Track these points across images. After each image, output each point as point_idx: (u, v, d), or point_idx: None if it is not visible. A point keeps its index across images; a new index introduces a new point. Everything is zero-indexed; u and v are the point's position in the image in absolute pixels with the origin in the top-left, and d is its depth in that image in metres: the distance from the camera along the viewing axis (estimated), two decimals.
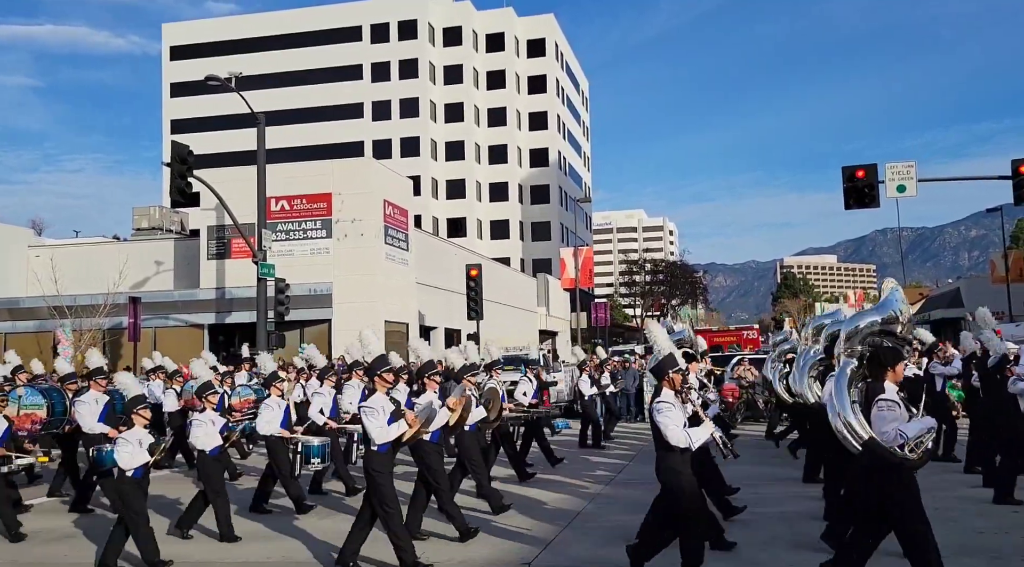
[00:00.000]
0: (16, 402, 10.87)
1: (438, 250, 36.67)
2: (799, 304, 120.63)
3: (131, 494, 7.23)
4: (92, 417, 10.32)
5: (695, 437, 6.10)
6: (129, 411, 7.55)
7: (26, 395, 11.09)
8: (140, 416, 7.43)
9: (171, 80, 67.39)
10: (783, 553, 7.32)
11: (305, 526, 8.97)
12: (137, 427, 7.39)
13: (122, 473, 7.25)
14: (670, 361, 6.37)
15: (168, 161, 20.34)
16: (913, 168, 18.54)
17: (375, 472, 6.85)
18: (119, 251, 30.90)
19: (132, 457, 7.21)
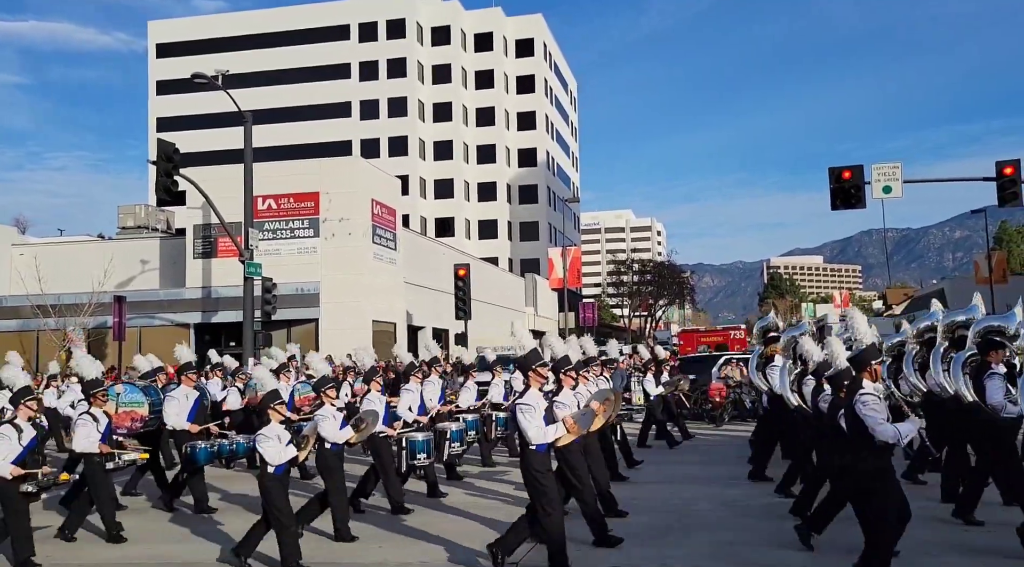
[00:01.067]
0: (115, 400, 10.59)
1: (426, 250, 36.61)
2: (786, 305, 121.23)
3: (274, 491, 6.98)
4: (181, 414, 10.06)
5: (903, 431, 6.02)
6: (265, 406, 7.29)
7: (125, 392, 10.90)
8: (276, 411, 7.17)
9: (157, 78, 66.91)
10: (774, 551, 7.35)
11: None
12: (274, 423, 7.13)
13: (264, 470, 6.99)
14: None
15: (154, 159, 20.20)
16: (899, 169, 18.67)
17: (537, 472, 6.58)
18: (104, 250, 30.65)
19: (277, 453, 6.97)
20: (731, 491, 10.30)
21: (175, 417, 10.13)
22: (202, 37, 66.02)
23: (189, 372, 10.50)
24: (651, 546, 7.69)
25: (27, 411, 7.54)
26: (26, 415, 7.53)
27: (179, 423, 10.12)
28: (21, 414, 7.50)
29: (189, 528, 9.03)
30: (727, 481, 10.97)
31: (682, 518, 8.88)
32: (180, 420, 10.11)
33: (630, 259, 78.29)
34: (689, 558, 7.26)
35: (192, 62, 55.44)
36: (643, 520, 8.85)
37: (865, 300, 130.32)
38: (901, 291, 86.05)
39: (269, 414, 7.19)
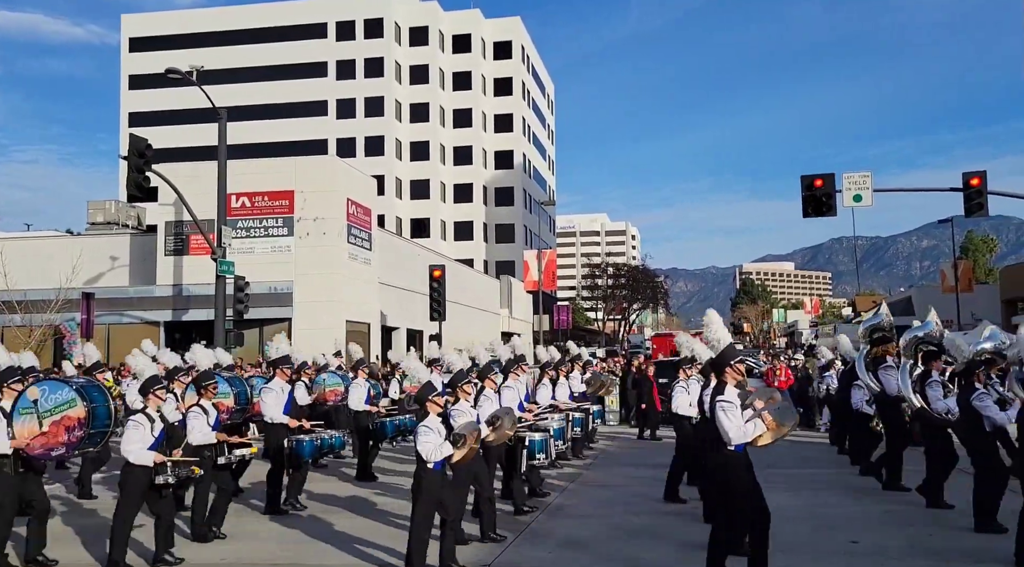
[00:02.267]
0: None
1: (401, 250, 36.49)
2: (757, 310, 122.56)
3: (431, 489, 6.65)
4: (278, 407, 9.71)
5: None
6: (423, 399, 6.94)
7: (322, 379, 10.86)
8: (435, 403, 6.86)
9: (130, 72, 65.97)
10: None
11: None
12: (432, 415, 6.80)
13: (422, 466, 6.66)
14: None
15: (126, 154, 19.91)
16: (869, 178, 18.98)
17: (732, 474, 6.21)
18: (72, 245, 30.12)
19: (436, 449, 6.62)
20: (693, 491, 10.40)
21: (273, 409, 9.75)
22: (177, 32, 65.23)
23: (284, 365, 10.12)
24: (624, 546, 7.74)
25: (156, 400, 7.37)
26: (155, 404, 7.36)
27: (276, 416, 9.73)
28: (151, 403, 7.35)
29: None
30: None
31: (653, 522, 8.95)
32: (277, 413, 9.72)
33: (605, 263, 78.64)
34: (661, 559, 7.32)
35: (166, 57, 54.77)
36: (616, 521, 8.91)
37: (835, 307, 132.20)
38: (870, 298, 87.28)
39: (428, 407, 6.85)
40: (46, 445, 7.42)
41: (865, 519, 8.81)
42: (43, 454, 7.55)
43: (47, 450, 7.47)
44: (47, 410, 7.43)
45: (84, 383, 8.03)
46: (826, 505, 9.53)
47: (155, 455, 7.14)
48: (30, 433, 7.35)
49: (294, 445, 9.47)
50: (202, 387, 8.36)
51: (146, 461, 7.11)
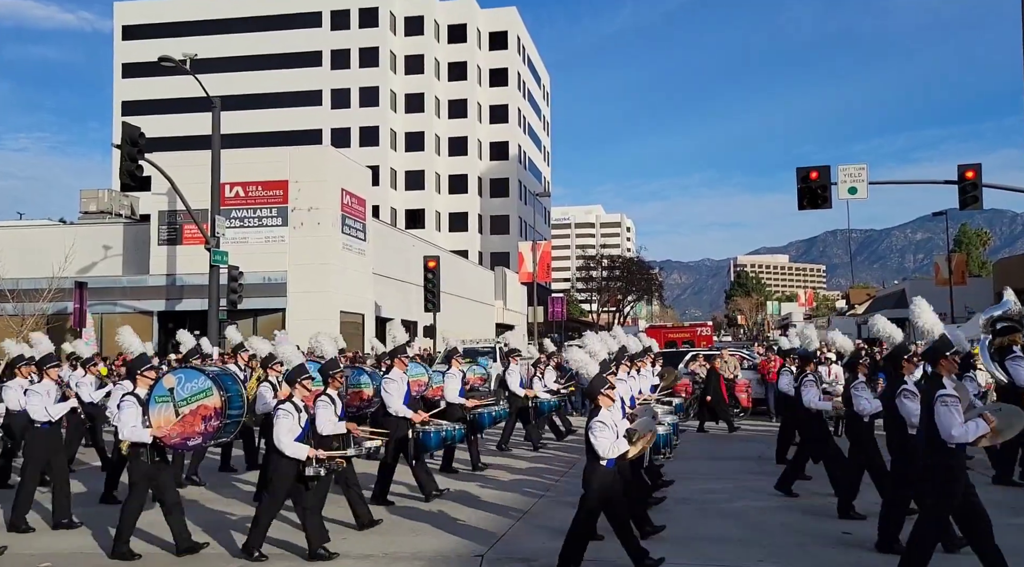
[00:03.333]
0: None
1: (396, 241, 36.41)
2: (752, 302, 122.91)
3: (609, 486, 6.39)
4: (399, 398, 9.46)
5: None
6: (595, 393, 6.51)
7: (352, 374, 10.51)
8: (607, 397, 6.49)
9: (123, 60, 65.51)
10: (740, 545, 7.45)
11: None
12: (604, 410, 6.45)
13: (594, 463, 6.34)
14: None
15: (118, 143, 19.78)
16: (864, 170, 18.98)
17: None
18: (65, 234, 29.97)
19: (612, 445, 6.32)
20: (694, 485, 10.43)
21: (395, 401, 9.47)
22: (170, 20, 64.75)
23: (402, 355, 9.77)
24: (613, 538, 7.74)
25: (302, 390, 7.22)
26: (302, 394, 7.21)
27: (399, 408, 9.47)
28: (297, 393, 7.19)
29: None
30: (695, 475, 11.09)
31: (660, 510, 8.95)
32: (399, 404, 9.46)
33: (599, 255, 78.68)
34: (661, 549, 7.33)
35: (159, 45, 54.34)
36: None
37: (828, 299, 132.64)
38: (864, 291, 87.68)
39: (600, 400, 6.49)
40: (183, 434, 7.30)
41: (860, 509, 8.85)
42: (180, 444, 7.44)
43: (184, 439, 7.35)
44: (183, 399, 7.29)
45: (219, 372, 7.89)
46: (815, 495, 9.56)
47: (307, 448, 6.93)
48: (166, 422, 7.25)
49: (420, 436, 9.22)
50: (329, 376, 8.00)
51: (299, 454, 6.90)
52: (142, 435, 7.20)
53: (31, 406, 8.64)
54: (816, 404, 9.47)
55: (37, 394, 8.66)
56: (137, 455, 7.25)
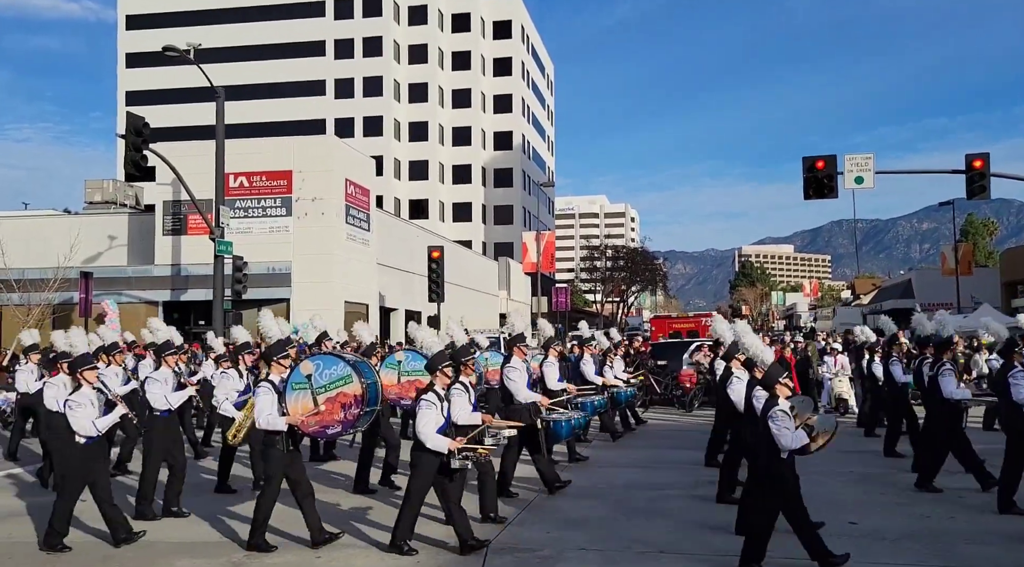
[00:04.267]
0: (395, 368, 9.71)
1: (400, 231, 36.38)
2: (756, 293, 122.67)
3: (789, 479, 6.10)
4: (524, 385, 9.07)
5: None
6: (773, 381, 6.24)
7: (407, 360, 9.83)
8: (783, 386, 6.21)
9: (127, 50, 65.39)
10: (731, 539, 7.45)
11: None
12: (783, 399, 6.14)
13: (774, 453, 6.05)
14: None
15: (123, 133, 19.76)
16: (871, 160, 18.87)
17: None
18: (70, 224, 30.00)
19: (795, 436, 6.02)
20: (700, 475, 10.42)
21: (521, 389, 9.03)
22: (174, 9, 64.56)
23: (520, 343, 9.34)
24: (617, 528, 7.75)
25: (444, 378, 7.02)
26: (443, 383, 7.01)
27: (527, 394, 9.05)
28: (439, 381, 6.99)
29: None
30: (694, 466, 11.09)
31: (652, 502, 8.96)
32: (525, 391, 9.06)
33: (603, 245, 78.53)
34: (660, 538, 7.33)
35: (163, 35, 54.20)
36: (609, 503, 8.92)
37: (834, 290, 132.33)
38: (869, 281, 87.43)
39: (777, 389, 6.19)
40: (321, 422, 7.08)
41: (867, 502, 8.83)
42: (318, 432, 7.26)
43: (322, 428, 7.15)
44: (321, 386, 7.05)
45: (357, 359, 7.65)
46: (822, 485, 9.55)
47: (449, 441, 6.73)
48: (304, 410, 7.02)
49: (550, 425, 8.88)
50: (461, 363, 7.53)
51: (440, 447, 6.70)
52: (277, 423, 6.95)
53: (151, 395, 8.53)
54: (957, 393, 9.16)
55: (156, 382, 8.59)
56: (272, 444, 7.01)
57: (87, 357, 7.69)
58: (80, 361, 7.52)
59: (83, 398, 7.31)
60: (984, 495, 8.75)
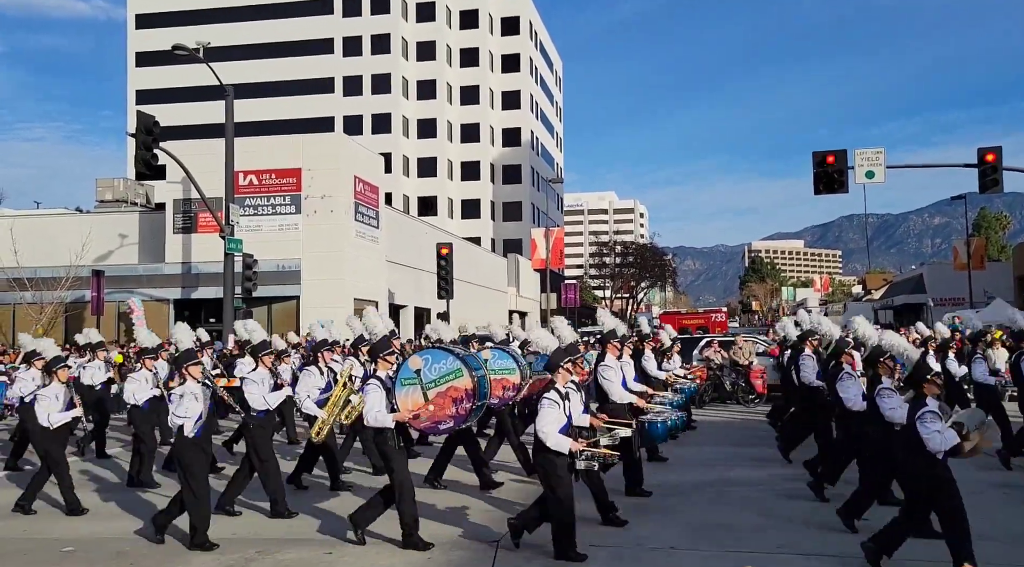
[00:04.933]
0: None
1: (409, 228, 36.44)
2: (766, 288, 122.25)
3: (949, 482, 5.83)
4: (619, 384, 8.83)
5: None
6: (921, 380, 5.92)
7: (494, 358, 9.40)
8: (933, 384, 5.93)
9: (137, 49, 65.66)
10: (754, 533, 7.43)
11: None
12: (931, 397, 5.88)
13: (922, 452, 5.80)
14: None
15: (133, 132, 19.87)
16: (882, 154, 18.76)
17: None
18: (82, 223, 30.20)
19: (946, 438, 5.76)
20: (710, 472, 10.40)
21: (616, 389, 8.81)
22: (183, 8, 64.79)
23: (614, 340, 9.11)
24: (627, 526, 7.75)
25: (566, 376, 6.81)
26: (565, 379, 6.80)
27: (621, 394, 8.85)
28: (560, 379, 6.79)
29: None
30: (705, 461, 11.07)
31: (661, 499, 8.95)
32: (620, 391, 8.85)
33: (612, 241, 78.39)
34: (667, 538, 7.32)
35: (173, 33, 54.45)
36: (619, 501, 8.91)
37: (845, 285, 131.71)
38: (880, 276, 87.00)
39: (925, 388, 5.98)
40: (433, 418, 6.97)
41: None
42: (430, 427, 7.15)
43: (434, 423, 7.04)
44: (431, 381, 6.91)
45: (466, 353, 7.50)
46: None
47: (571, 442, 6.53)
48: (415, 405, 6.89)
49: (646, 426, 8.63)
50: (570, 361, 7.22)
51: (562, 447, 6.50)
52: (386, 420, 6.81)
53: (249, 395, 8.41)
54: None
55: (254, 383, 8.49)
56: (384, 442, 6.89)
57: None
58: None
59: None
60: None
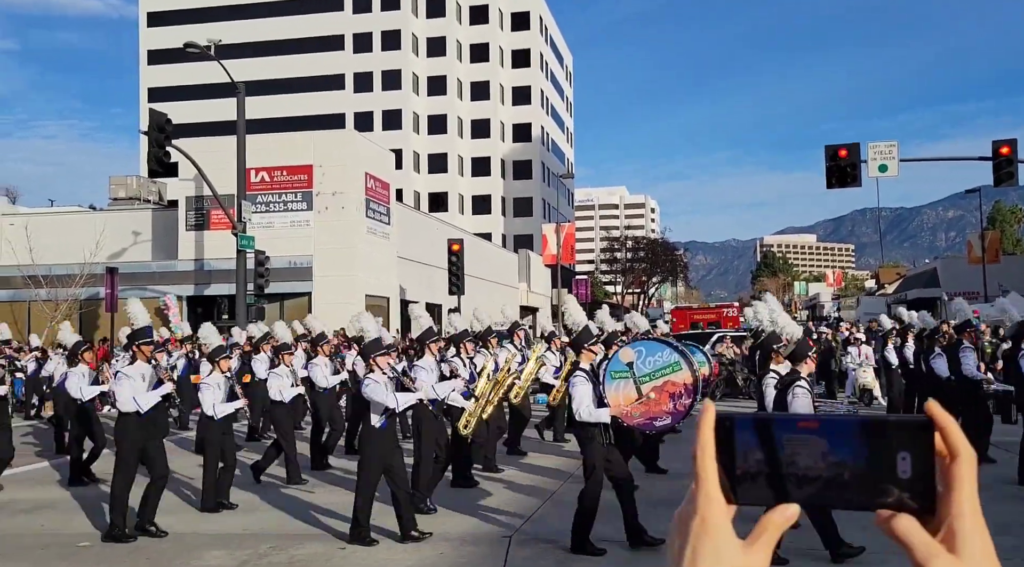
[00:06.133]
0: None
1: (419, 224, 36.48)
2: (778, 283, 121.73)
3: None
4: None
5: None
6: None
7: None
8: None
9: (148, 47, 65.99)
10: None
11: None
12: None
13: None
14: None
15: (146, 130, 19.97)
16: (895, 148, 18.61)
17: None
18: (95, 220, 30.41)
19: None
20: None
21: None
22: (194, 6, 65.04)
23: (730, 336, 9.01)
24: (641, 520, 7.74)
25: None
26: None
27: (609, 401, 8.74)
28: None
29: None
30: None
31: (674, 493, 8.94)
32: None
33: (624, 236, 78.25)
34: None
35: (184, 31, 54.65)
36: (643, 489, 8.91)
37: (858, 279, 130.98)
38: (894, 270, 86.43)
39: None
40: (647, 414, 6.58)
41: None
42: (644, 424, 6.74)
43: (649, 419, 6.64)
44: (645, 374, 6.49)
45: (685, 345, 7.05)
46: None
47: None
48: (627, 400, 6.49)
49: None
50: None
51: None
52: (601, 415, 6.35)
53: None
54: None
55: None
56: (591, 437, 6.45)
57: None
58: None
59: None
60: None
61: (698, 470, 0.61)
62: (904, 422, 0.57)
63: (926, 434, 0.56)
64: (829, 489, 0.58)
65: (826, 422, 0.59)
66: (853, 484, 0.58)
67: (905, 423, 0.57)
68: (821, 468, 0.58)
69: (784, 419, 0.60)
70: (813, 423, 0.59)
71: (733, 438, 0.60)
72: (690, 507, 0.61)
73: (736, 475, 0.60)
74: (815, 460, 0.58)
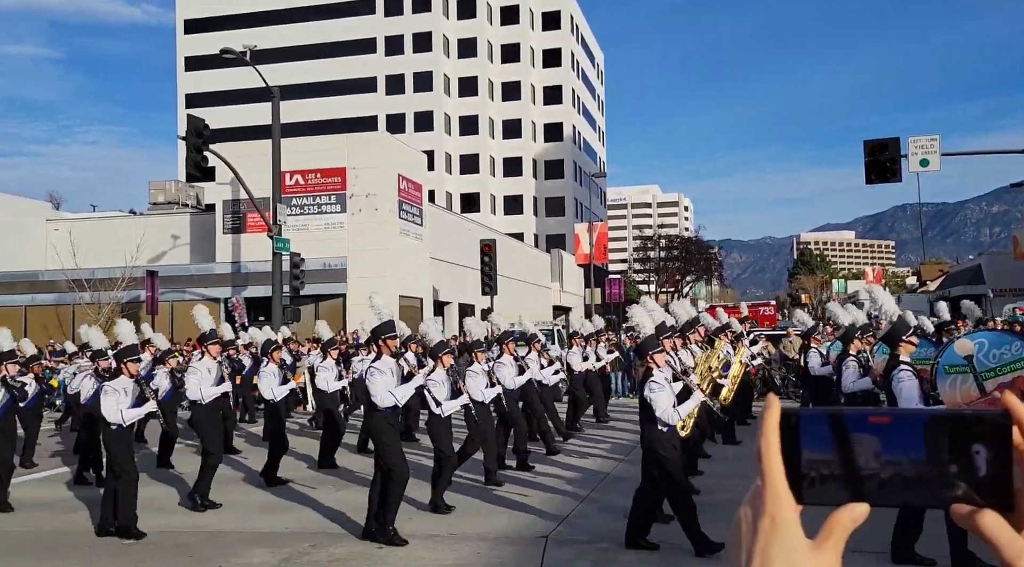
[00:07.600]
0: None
1: (452, 225, 36.60)
2: (816, 281, 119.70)
3: None
4: None
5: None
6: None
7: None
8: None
9: (186, 54, 67.22)
10: None
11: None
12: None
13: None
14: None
15: (184, 135, 20.32)
16: (936, 142, 18.19)
17: None
18: (136, 225, 31.05)
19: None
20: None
21: None
22: (230, 12, 66.08)
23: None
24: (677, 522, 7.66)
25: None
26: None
27: None
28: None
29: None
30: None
31: (709, 494, 8.83)
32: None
33: (657, 235, 77.69)
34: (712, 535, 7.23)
35: (220, 37, 55.55)
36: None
37: (898, 276, 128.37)
38: (936, 267, 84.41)
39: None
40: None
41: None
42: None
43: None
44: (989, 369, 5.86)
45: None
46: None
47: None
48: (965, 397, 5.89)
49: None
50: None
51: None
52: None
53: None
54: None
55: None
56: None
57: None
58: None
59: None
60: None
61: (764, 468, 0.59)
62: (980, 415, 0.55)
63: (1004, 427, 0.55)
64: (902, 487, 0.56)
65: (899, 417, 0.57)
66: (926, 480, 0.56)
67: (982, 416, 0.55)
68: (893, 465, 0.56)
69: (854, 414, 0.58)
70: (885, 418, 0.57)
71: (799, 434, 0.58)
72: (757, 507, 0.59)
73: (802, 473, 0.58)
74: (887, 456, 0.56)
